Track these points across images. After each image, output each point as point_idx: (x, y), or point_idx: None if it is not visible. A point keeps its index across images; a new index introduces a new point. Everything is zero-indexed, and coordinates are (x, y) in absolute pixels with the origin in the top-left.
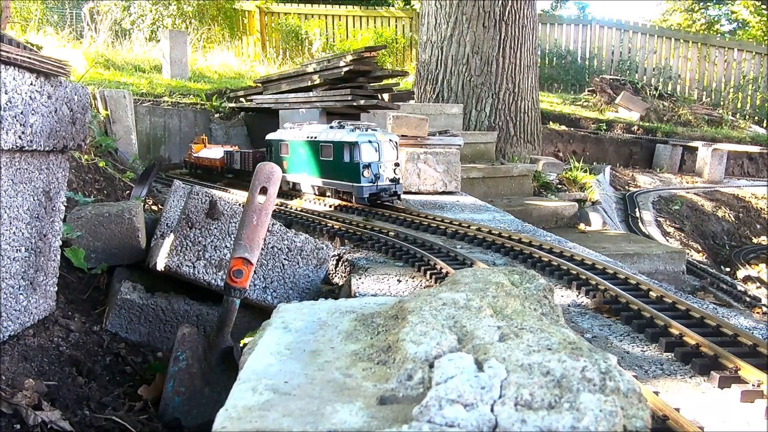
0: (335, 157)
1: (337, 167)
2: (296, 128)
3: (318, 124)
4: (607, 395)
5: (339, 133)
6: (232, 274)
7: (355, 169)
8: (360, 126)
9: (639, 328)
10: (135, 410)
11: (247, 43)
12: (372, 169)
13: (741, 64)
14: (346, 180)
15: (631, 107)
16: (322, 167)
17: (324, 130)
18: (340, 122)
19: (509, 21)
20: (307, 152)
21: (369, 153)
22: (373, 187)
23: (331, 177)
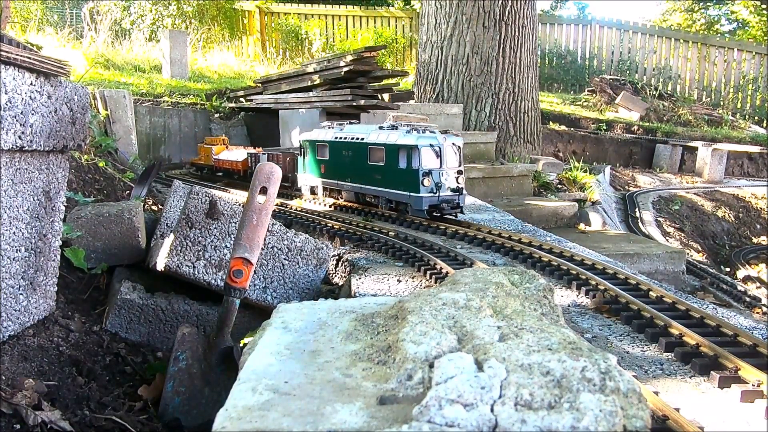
0: (387, 163)
1: (390, 174)
2: (336, 128)
3: (363, 124)
4: (607, 395)
5: (393, 135)
6: (232, 274)
7: (412, 177)
8: (417, 127)
9: (639, 328)
10: (135, 410)
11: (247, 43)
12: (433, 178)
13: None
14: (401, 189)
15: (631, 107)
16: (369, 173)
17: (373, 131)
18: (392, 122)
19: (509, 21)
20: (350, 156)
21: (430, 158)
22: (433, 198)
23: (381, 185)
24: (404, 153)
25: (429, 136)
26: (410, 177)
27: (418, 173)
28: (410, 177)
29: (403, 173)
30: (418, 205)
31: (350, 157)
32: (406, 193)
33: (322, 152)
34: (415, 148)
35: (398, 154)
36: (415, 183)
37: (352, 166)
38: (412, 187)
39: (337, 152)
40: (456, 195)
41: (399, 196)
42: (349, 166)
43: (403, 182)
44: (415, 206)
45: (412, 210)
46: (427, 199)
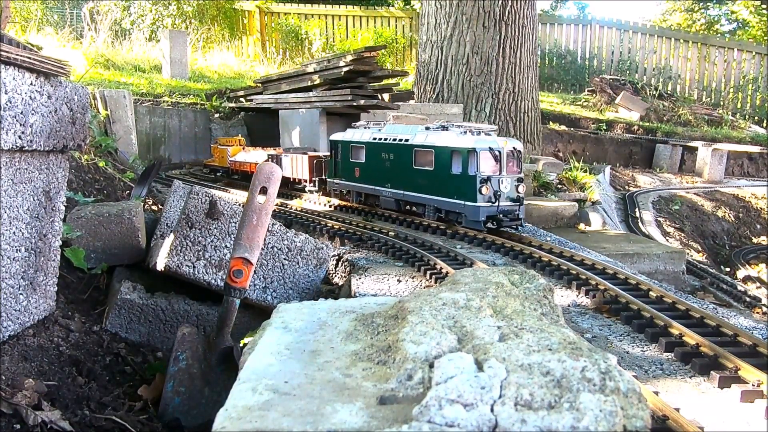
0: (437, 167)
1: (440, 180)
2: (373, 128)
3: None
4: (607, 395)
5: (445, 136)
6: (232, 274)
7: (468, 184)
8: (472, 128)
9: (639, 328)
10: (135, 410)
11: (247, 43)
12: (492, 185)
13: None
14: (454, 197)
15: (631, 107)
16: (414, 179)
17: (419, 131)
18: (442, 123)
19: (509, 21)
20: (392, 159)
21: (488, 163)
22: (491, 208)
23: (429, 192)
24: (459, 157)
25: (487, 139)
26: (465, 184)
27: (474, 180)
28: (465, 184)
29: (456, 179)
30: (474, 216)
31: (391, 160)
32: (460, 202)
33: (357, 154)
34: (473, 152)
35: (451, 158)
36: (470, 191)
37: (393, 170)
38: (467, 195)
39: (375, 154)
40: (516, 205)
41: (451, 204)
42: (390, 171)
43: (456, 189)
44: (471, 217)
45: (466, 221)
46: (484, 209)
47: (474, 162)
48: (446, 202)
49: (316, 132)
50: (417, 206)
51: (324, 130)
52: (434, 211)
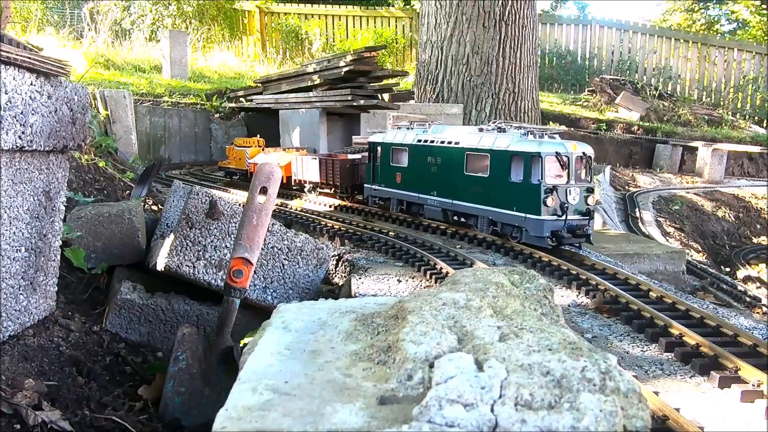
0: (494, 174)
1: (497, 189)
2: (417, 128)
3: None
4: (607, 395)
5: (502, 139)
6: (232, 274)
7: (530, 194)
8: (534, 131)
9: (639, 328)
10: (135, 410)
11: (247, 43)
12: (558, 196)
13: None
14: (513, 208)
15: (631, 107)
16: (465, 186)
17: (471, 133)
18: (498, 123)
19: (509, 21)
20: (440, 163)
21: (554, 171)
22: (558, 222)
23: (483, 202)
24: (520, 162)
25: (553, 143)
26: (527, 194)
27: (538, 189)
28: (527, 194)
29: (516, 188)
30: (538, 231)
31: (438, 165)
32: (520, 215)
33: (399, 158)
34: (537, 157)
35: (511, 164)
36: (533, 202)
37: (440, 176)
38: (528, 206)
39: (420, 158)
40: (585, 219)
41: (509, 217)
42: (437, 177)
43: (516, 200)
44: (534, 232)
45: (527, 236)
46: (549, 224)
47: (538, 169)
48: (503, 214)
49: (316, 132)
50: (468, 217)
51: (324, 129)
52: (488, 224)
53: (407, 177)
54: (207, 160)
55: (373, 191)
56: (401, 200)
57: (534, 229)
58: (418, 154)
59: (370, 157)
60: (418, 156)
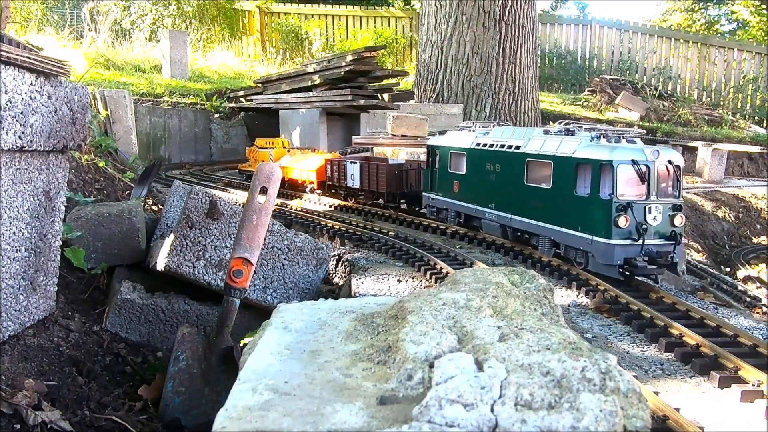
0: (557, 185)
1: (560, 203)
2: (478, 131)
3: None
4: (607, 395)
5: (568, 143)
6: (232, 274)
7: (599, 212)
8: (609, 132)
9: (639, 328)
10: (135, 410)
11: (247, 43)
12: (634, 215)
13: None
14: (578, 228)
15: (631, 107)
16: (527, 199)
17: (535, 136)
18: (566, 124)
19: (509, 21)
20: (498, 171)
21: (630, 183)
22: (632, 248)
23: (544, 218)
24: (587, 171)
25: (630, 148)
26: (595, 211)
27: (609, 206)
28: (595, 211)
29: (582, 204)
30: (607, 257)
31: (497, 172)
32: (586, 236)
33: (457, 164)
34: (608, 166)
35: (576, 173)
36: (602, 221)
37: (499, 186)
38: (596, 227)
39: (477, 165)
40: (670, 244)
41: (573, 239)
42: (495, 187)
43: (581, 218)
44: (602, 258)
45: (594, 263)
46: (621, 250)
47: (609, 180)
48: (567, 234)
49: (316, 132)
50: (530, 236)
51: (324, 129)
52: (550, 245)
53: (465, 186)
54: (207, 160)
55: (431, 201)
56: (458, 212)
57: (602, 255)
58: (477, 159)
59: (428, 162)
60: (476, 162)
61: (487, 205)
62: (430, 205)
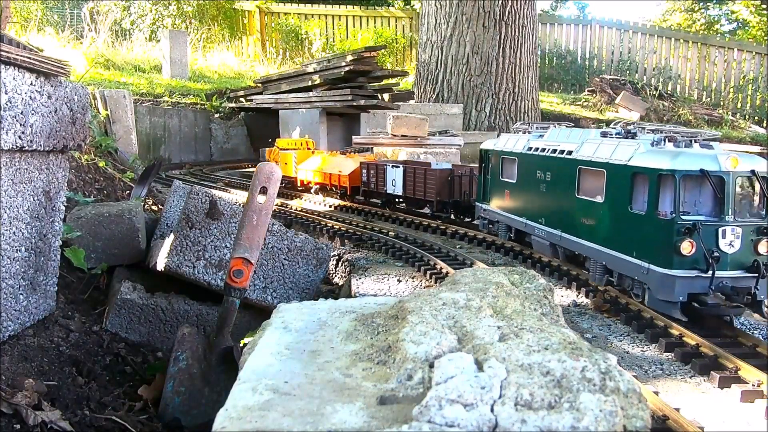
0: (610, 199)
1: (613, 221)
2: (534, 132)
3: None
4: (607, 395)
5: (624, 149)
6: (232, 274)
7: (657, 234)
8: (677, 134)
9: (639, 328)
10: (135, 410)
11: (247, 43)
12: (702, 239)
13: (741, 64)
14: (632, 253)
15: (631, 107)
16: (578, 214)
17: (590, 140)
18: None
19: (509, 21)
20: (548, 180)
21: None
22: (701, 280)
23: (596, 239)
24: (644, 183)
25: (698, 154)
26: (652, 232)
27: (669, 228)
28: (652, 232)
29: (638, 223)
30: (666, 292)
31: (547, 182)
32: (641, 264)
33: (509, 171)
34: (669, 177)
35: (632, 185)
36: (660, 245)
37: (548, 197)
38: (653, 252)
39: (528, 172)
40: (752, 277)
41: (627, 266)
42: (545, 198)
43: (637, 240)
44: (660, 293)
45: (651, 297)
46: (683, 283)
47: (670, 195)
48: (619, 259)
49: (316, 132)
50: (583, 259)
51: (324, 129)
52: (602, 271)
53: (515, 196)
54: (207, 160)
55: (483, 212)
56: (509, 227)
57: (660, 288)
58: (527, 166)
59: (480, 168)
60: (527, 169)
61: (537, 220)
62: (482, 217)
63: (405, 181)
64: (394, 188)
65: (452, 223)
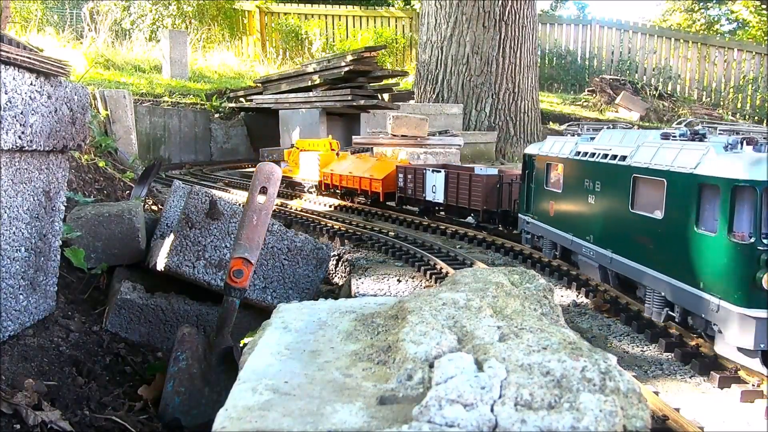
0: (671, 214)
1: (675, 242)
2: (584, 134)
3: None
4: (607, 395)
5: (689, 153)
6: (232, 274)
7: (730, 260)
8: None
9: (639, 328)
10: (135, 410)
11: (247, 43)
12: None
13: (741, 64)
14: (700, 285)
15: (631, 107)
16: (633, 232)
17: (648, 143)
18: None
19: (509, 21)
20: (598, 190)
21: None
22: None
23: (654, 263)
24: (713, 197)
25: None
26: (725, 259)
27: (748, 254)
28: (725, 259)
29: (706, 247)
30: (742, 337)
31: (597, 192)
32: (712, 300)
33: (554, 178)
34: (749, 190)
35: (699, 199)
36: (735, 277)
37: (598, 210)
38: (726, 284)
39: (575, 181)
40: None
41: (691, 299)
42: (594, 211)
43: (704, 268)
44: (734, 338)
45: (720, 343)
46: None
47: (748, 211)
48: (682, 291)
49: (316, 132)
50: (636, 285)
51: (324, 129)
52: (661, 304)
53: (560, 208)
54: (207, 160)
55: (526, 225)
56: (554, 243)
57: (734, 332)
58: (574, 173)
59: (523, 175)
60: (574, 177)
61: (585, 237)
62: (525, 230)
63: (447, 187)
64: (434, 195)
65: (499, 235)
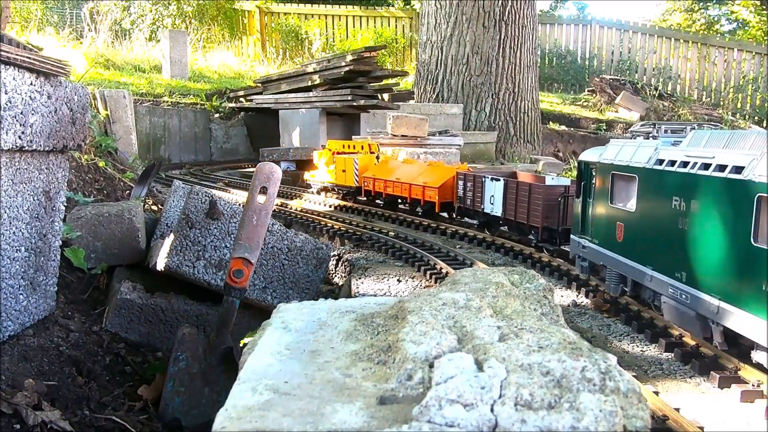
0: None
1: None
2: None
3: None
4: (607, 395)
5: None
6: (232, 274)
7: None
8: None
9: (639, 328)
10: (135, 410)
11: (247, 43)
12: None
13: (741, 64)
14: None
15: (631, 107)
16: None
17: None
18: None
19: (509, 21)
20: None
21: None
22: None
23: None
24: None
25: None
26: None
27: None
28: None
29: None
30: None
31: (694, 214)
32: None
33: (623, 193)
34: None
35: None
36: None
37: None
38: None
39: (656, 197)
40: None
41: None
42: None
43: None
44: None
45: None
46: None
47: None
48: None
49: (316, 132)
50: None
51: (324, 129)
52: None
53: (634, 232)
54: (207, 160)
55: (582, 251)
56: (622, 275)
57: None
58: (655, 188)
59: (579, 187)
60: (655, 192)
61: (673, 273)
62: (580, 256)
63: (505, 199)
64: (492, 207)
65: (562, 255)
